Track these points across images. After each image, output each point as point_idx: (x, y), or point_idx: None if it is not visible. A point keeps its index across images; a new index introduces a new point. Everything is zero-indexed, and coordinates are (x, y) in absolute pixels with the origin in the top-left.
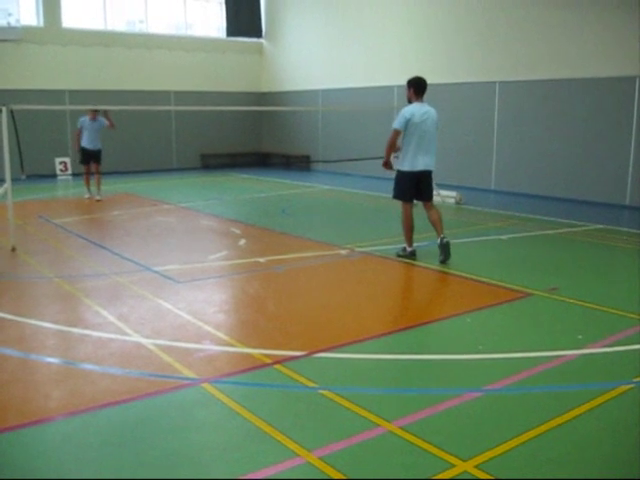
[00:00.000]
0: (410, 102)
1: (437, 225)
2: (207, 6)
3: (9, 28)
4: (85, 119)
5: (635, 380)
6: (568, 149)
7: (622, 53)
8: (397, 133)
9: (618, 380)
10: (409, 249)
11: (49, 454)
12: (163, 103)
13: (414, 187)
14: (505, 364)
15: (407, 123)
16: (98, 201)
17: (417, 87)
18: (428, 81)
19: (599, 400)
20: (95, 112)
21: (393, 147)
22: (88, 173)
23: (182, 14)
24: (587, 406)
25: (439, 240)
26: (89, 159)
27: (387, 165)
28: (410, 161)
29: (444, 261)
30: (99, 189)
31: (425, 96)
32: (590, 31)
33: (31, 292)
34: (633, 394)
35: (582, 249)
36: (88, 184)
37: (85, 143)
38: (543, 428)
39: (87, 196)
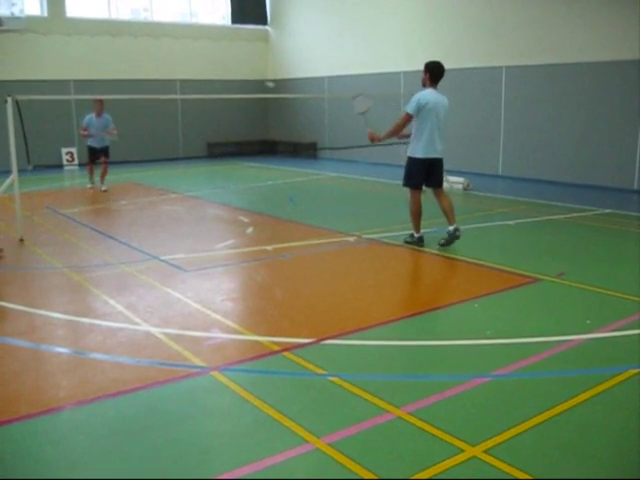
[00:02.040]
0: (424, 86)
1: (449, 213)
2: None
3: (13, 18)
4: (91, 117)
5: None
6: (575, 134)
7: (630, 36)
8: (409, 118)
9: (626, 364)
10: (417, 235)
11: (60, 443)
12: (169, 92)
13: (425, 174)
14: (513, 349)
15: (421, 109)
16: (104, 191)
17: (434, 73)
18: None
19: (607, 385)
20: (101, 105)
21: (398, 131)
22: (92, 163)
23: (187, 2)
24: (595, 391)
25: (451, 228)
26: (97, 156)
27: (375, 140)
28: (424, 148)
29: (444, 245)
30: (103, 180)
31: (445, 85)
32: (597, 14)
33: (40, 283)
34: None
35: (590, 234)
36: (92, 174)
37: (92, 142)
38: (551, 413)
39: (89, 186)
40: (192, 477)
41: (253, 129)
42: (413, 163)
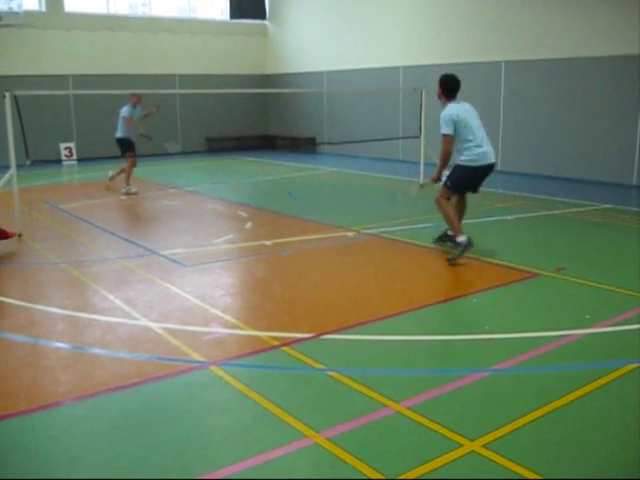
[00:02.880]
0: (440, 99)
1: (461, 219)
2: None
3: (11, 13)
4: (131, 108)
5: None
6: (575, 129)
7: (629, 31)
8: (450, 138)
9: (625, 359)
10: (462, 239)
11: (59, 438)
12: (168, 87)
13: (476, 181)
14: (512, 344)
15: (455, 123)
16: (109, 181)
17: (447, 88)
18: (433, 61)
19: (606, 379)
20: (139, 98)
21: (448, 156)
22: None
23: None
24: (594, 385)
25: (464, 240)
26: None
27: (436, 181)
28: (478, 156)
29: (437, 241)
30: (115, 176)
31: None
32: (596, 9)
33: (38, 278)
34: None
35: (589, 229)
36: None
37: (130, 134)
38: (550, 407)
39: (134, 190)
40: (192, 472)
41: (252, 124)
42: (464, 170)
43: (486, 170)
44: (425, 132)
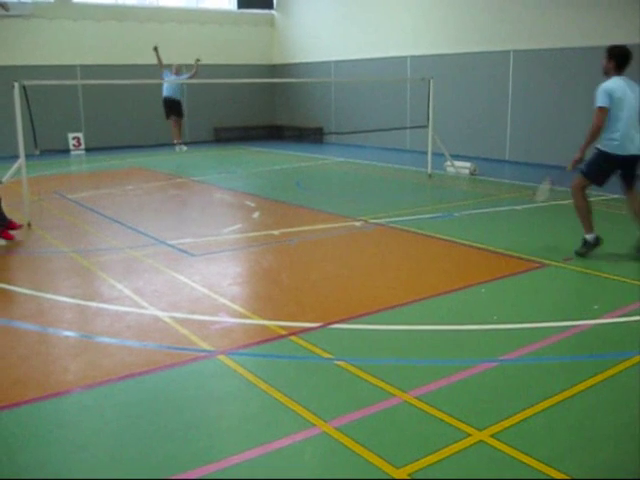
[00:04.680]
0: (607, 75)
1: None
2: None
3: (20, 4)
4: (167, 73)
5: None
6: (583, 118)
7: (638, 20)
8: (603, 113)
9: (633, 350)
10: (590, 236)
11: (68, 426)
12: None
13: (616, 172)
14: (520, 334)
15: (611, 99)
16: (177, 144)
17: (620, 60)
18: (441, 51)
19: (614, 370)
20: (178, 67)
21: (598, 133)
22: (169, 118)
23: None
24: (602, 376)
25: None
26: (170, 111)
27: (580, 161)
28: (620, 143)
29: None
30: (179, 136)
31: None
32: None
33: (47, 267)
34: None
35: (597, 219)
36: (176, 132)
37: (169, 93)
38: (558, 398)
39: (177, 149)
40: (200, 460)
41: (259, 114)
42: (604, 158)
43: (631, 161)
44: (433, 122)
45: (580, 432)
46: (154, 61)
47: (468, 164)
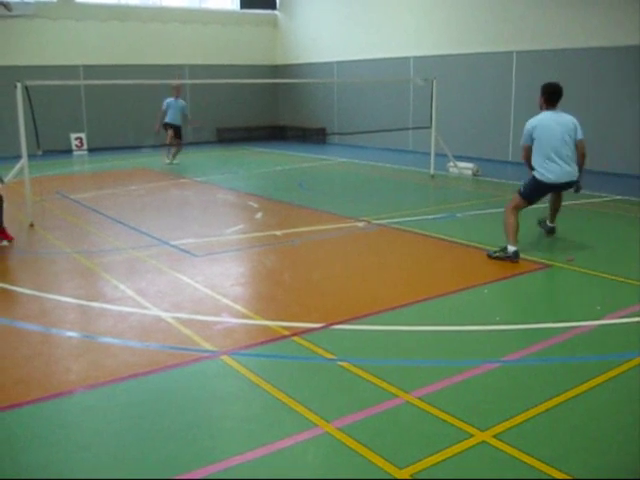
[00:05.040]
0: (540, 109)
1: (556, 213)
2: None
3: (23, 4)
4: (171, 100)
5: None
6: (586, 119)
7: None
8: (525, 150)
9: (636, 351)
10: (511, 249)
11: (71, 426)
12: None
13: (545, 194)
14: (523, 335)
15: (532, 134)
16: (174, 164)
17: (549, 96)
18: (444, 52)
19: (617, 371)
20: (178, 90)
21: (527, 165)
22: (170, 141)
23: None
24: (605, 377)
25: (549, 223)
26: (168, 129)
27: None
28: (546, 171)
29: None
30: (174, 156)
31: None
32: None
33: (50, 267)
34: None
35: (600, 220)
36: (169, 151)
37: (169, 119)
38: (560, 399)
39: (167, 161)
40: (203, 460)
41: (262, 114)
42: (535, 184)
43: (556, 187)
44: (436, 123)
45: (583, 433)
46: (157, 61)
47: (471, 165)
